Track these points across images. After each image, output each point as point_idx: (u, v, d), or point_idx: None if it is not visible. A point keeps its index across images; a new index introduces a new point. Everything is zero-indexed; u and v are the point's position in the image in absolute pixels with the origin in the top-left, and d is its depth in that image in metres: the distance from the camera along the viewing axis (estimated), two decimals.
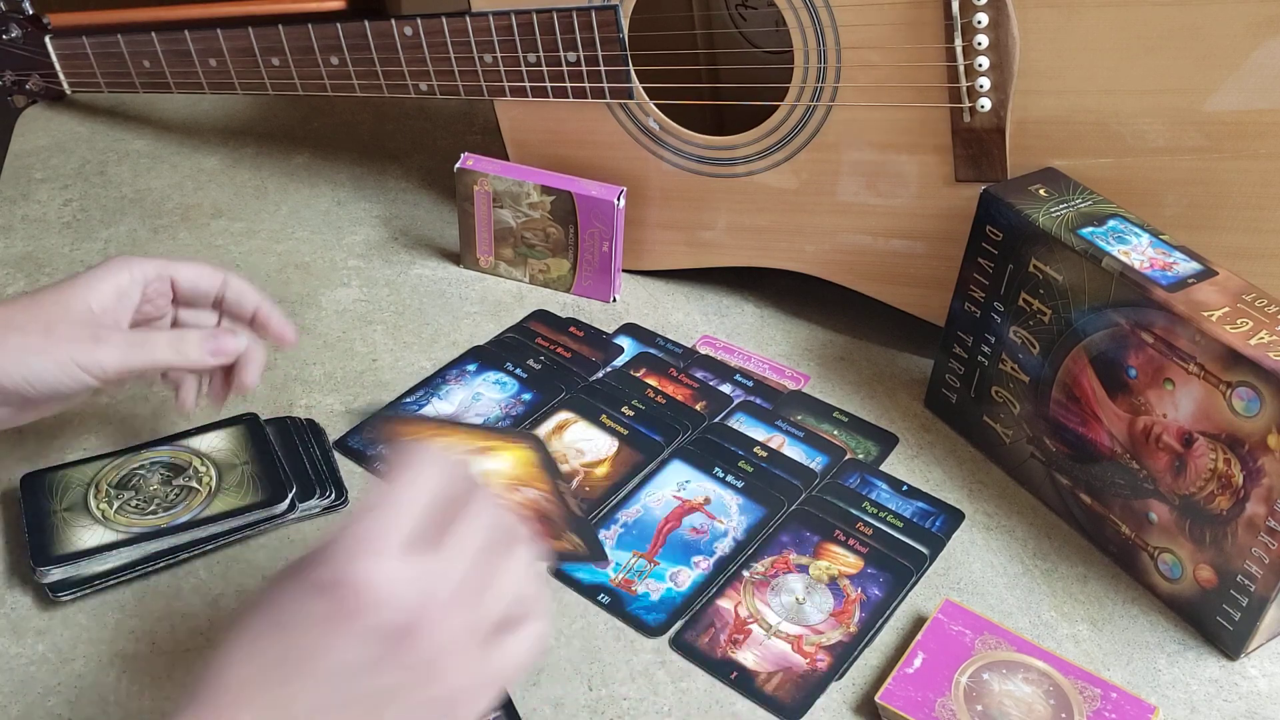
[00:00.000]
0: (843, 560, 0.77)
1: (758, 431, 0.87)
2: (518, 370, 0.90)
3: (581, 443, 0.85)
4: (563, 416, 0.87)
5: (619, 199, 0.94)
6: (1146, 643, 0.74)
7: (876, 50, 0.84)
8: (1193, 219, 0.81)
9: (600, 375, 0.91)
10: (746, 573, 0.76)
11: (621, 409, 0.87)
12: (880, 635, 0.73)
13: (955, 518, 0.81)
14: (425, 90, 0.98)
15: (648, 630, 0.73)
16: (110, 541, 0.73)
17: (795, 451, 0.85)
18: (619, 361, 0.93)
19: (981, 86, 0.82)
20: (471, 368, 0.91)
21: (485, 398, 0.88)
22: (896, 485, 0.83)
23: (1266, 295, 0.71)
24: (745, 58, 1.05)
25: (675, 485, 0.82)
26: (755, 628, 0.73)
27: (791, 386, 0.92)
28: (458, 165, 0.97)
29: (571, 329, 0.96)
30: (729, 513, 0.80)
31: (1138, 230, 0.76)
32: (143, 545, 0.73)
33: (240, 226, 1.06)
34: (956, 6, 0.80)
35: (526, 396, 0.88)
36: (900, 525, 0.80)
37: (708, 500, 0.81)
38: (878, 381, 0.93)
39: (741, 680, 0.70)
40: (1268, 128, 0.77)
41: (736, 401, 0.89)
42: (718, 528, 0.79)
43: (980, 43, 0.81)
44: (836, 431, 0.88)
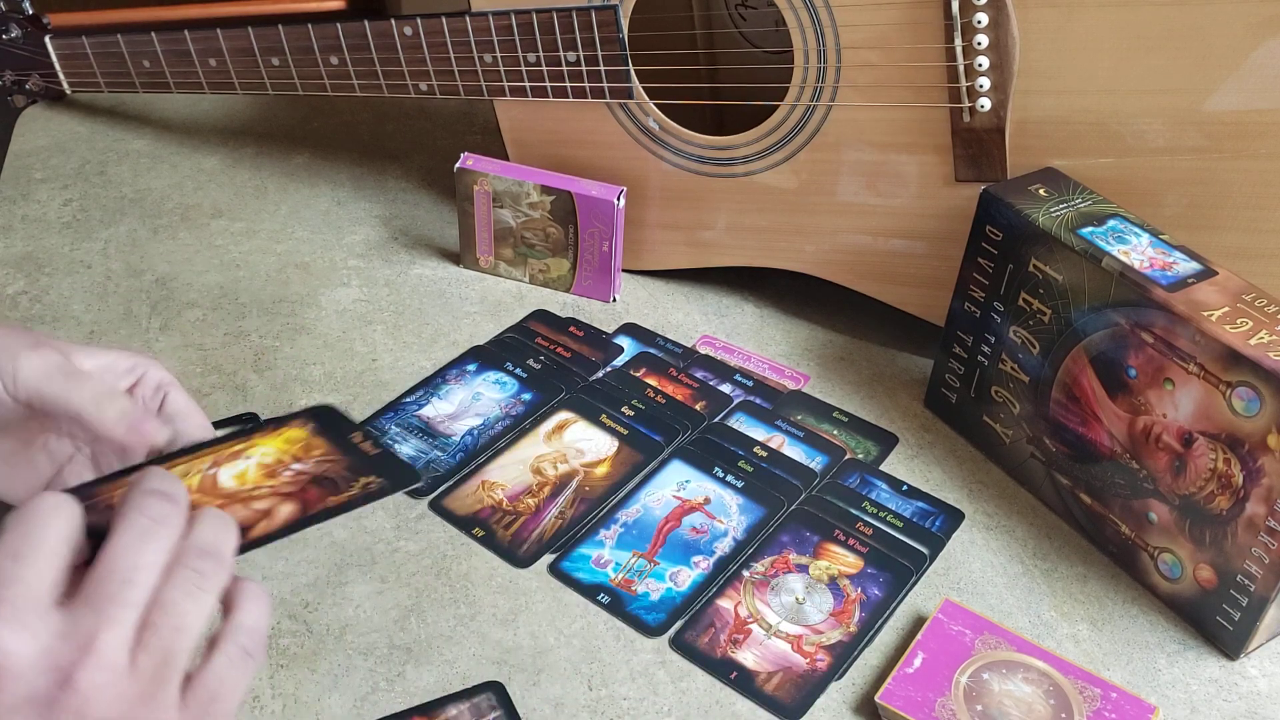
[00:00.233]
0: (843, 560, 0.77)
1: (758, 431, 0.87)
2: (518, 370, 0.90)
3: (581, 443, 0.85)
4: (563, 416, 0.87)
5: (619, 199, 0.94)
6: (1146, 643, 0.74)
7: (876, 50, 0.84)
8: (1193, 219, 0.81)
9: (600, 375, 0.91)
10: (746, 573, 0.76)
11: (621, 409, 0.87)
12: (880, 635, 0.73)
13: (955, 518, 0.81)
14: (425, 90, 0.98)
15: (648, 630, 0.73)
16: None
17: (795, 451, 0.85)
18: (619, 361, 0.93)
19: (981, 86, 0.82)
20: (471, 368, 0.91)
21: (485, 398, 0.88)
22: (896, 485, 0.83)
23: (1266, 295, 0.71)
24: (745, 58, 1.05)
25: (675, 485, 0.82)
26: (755, 628, 0.73)
27: (791, 386, 0.92)
28: (458, 165, 0.97)
29: (571, 329, 0.96)
30: (729, 513, 0.80)
31: (1138, 230, 0.76)
32: None
33: (240, 226, 1.06)
34: (956, 6, 0.80)
35: (526, 396, 0.88)
36: (900, 525, 0.80)
37: (708, 500, 0.81)
38: (878, 381, 0.93)
39: (741, 680, 0.70)
40: (1268, 128, 0.77)
41: (736, 401, 0.89)
42: (718, 528, 0.79)
43: (980, 43, 0.81)
44: (836, 431, 0.88)
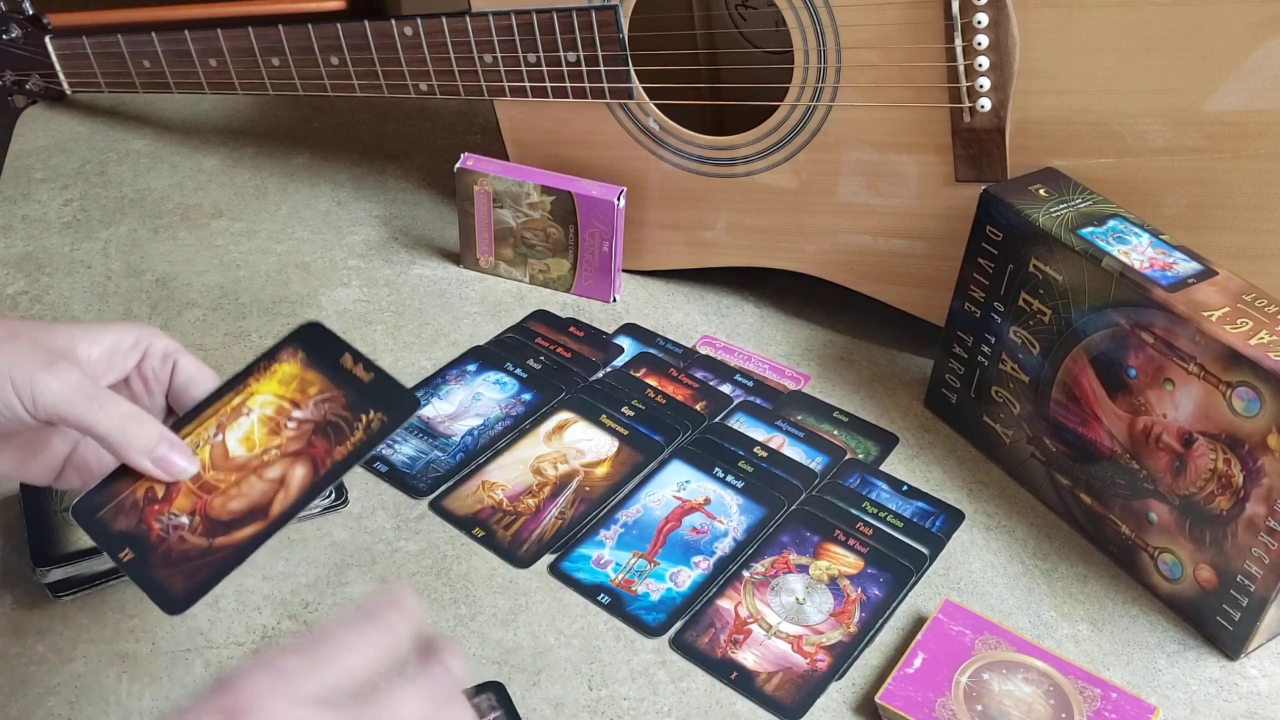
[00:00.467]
0: (843, 560, 0.77)
1: (758, 431, 0.87)
2: (518, 370, 0.90)
3: (581, 443, 0.85)
4: (563, 416, 0.87)
5: (619, 199, 0.94)
6: (1146, 643, 0.74)
7: (876, 50, 0.84)
8: (1193, 219, 0.81)
9: (600, 375, 0.91)
10: (746, 573, 0.76)
11: (621, 409, 0.87)
12: (880, 635, 0.73)
13: (955, 518, 0.81)
14: (425, 90, 0.98)
15: (648, 630, 0.73)
16: None
17: (795, 451, 0.85)
18: (619, 361, 0.93)
19: (981, 86, 0.82)
20: (471, 368, 0.91)
21: (485, 398, 0.88)
22: (896, 485, 0.83)
23: (1266, 295, 0.71)
24: (745, 58, 1.05)
25: (675, 485, 0.82)
26: (755, 628, 0.73)
27: (791, 386, 0.92)
28: (458, 165, 0.97)
29: (571, 329, 0.96)
30: (729, 513, 0.80)
31: (1138, 230, 0.76)
32: None
33: (240, 226, 1.06)
34: (956, 6, 0.80)
35: (526, 396, 0.88)
36: (900, 525, 0.80)
37: (708, 500, 0.81)
38: (878, 381, 0.93)
39: (741, 680, 0.70)
40: (1268, 128, 0.77)
41: (736, 401, 0.89)
42: (718, 528, 0.79)
43: (980, 43, 0.81)
44: (836, 431, 0.88)
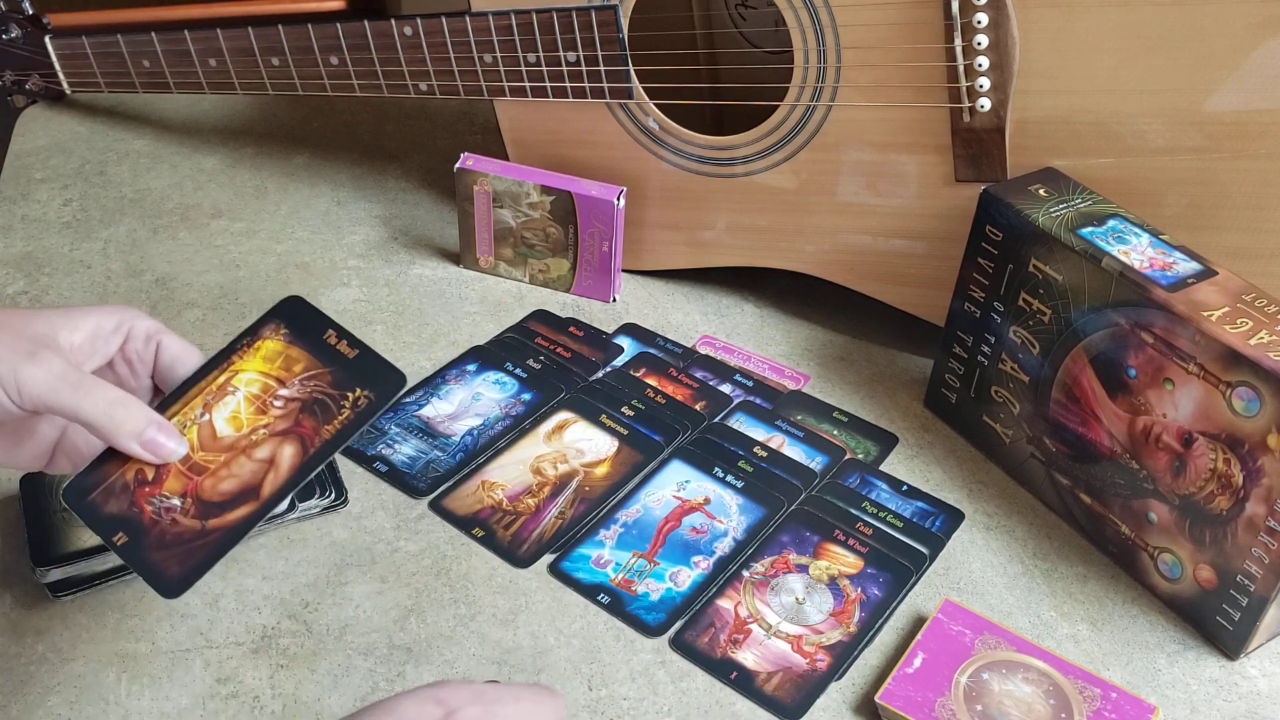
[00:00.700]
0: (843, 560, 0.77)
1: (758, 431, 0.87)
2: (518, 370, 0.90)
3: (581, 443, 0.85)
4: (563, 416, 0.87)
5: (619, 199, 0.94)
6: (1146, 643, 0.74)
7: (876, 50, 0.84)
8: (1193, 219, 0.81)
9: (600, 375, 0.91)
10: (746, 573, 0.76)
11: (621, 409, 0.87)
12: (880, 635, 0.73)
13: (955, 518, 0.81)
14: (425, 90, 0.98)
15: (648, 630, 0.73)
16: None
17: (795, 451, 0.85)
18: (619, 361, 0.93)
19: (981, 86, 0.82)
20: (471, 368, 0.91)
21: (485, 398, 0.88)
22: (896, 485, 0.83)
23: (1266, 295, 0.71)
24: (745, 58, 1.05)
25: (675, 485, 0.82)
26: (755, 628, 0.73)
27: (791, 386, 0.92)
28: (458, 165, 0.97)
29: (571, 329, 0.96)
30: (729, 513, 0.80)
31: (1138, 230, 0.76)
32: None
33: (240, 226, 1.06)
34: (956, 6, 0.80)
35: (526, 396, 0.88)
36: (900, 525, 0.80)
37: (708, 500, 0.81)
38: (878, 381, 0.93)
39: (741, 680, 0.70)
40: (1268, 128, 0.77)
41: (736, 401, 0.89)
42: (718, 528, 0.79)
43: (980, 43, 0.81)
44: (836, 431, 0.88)
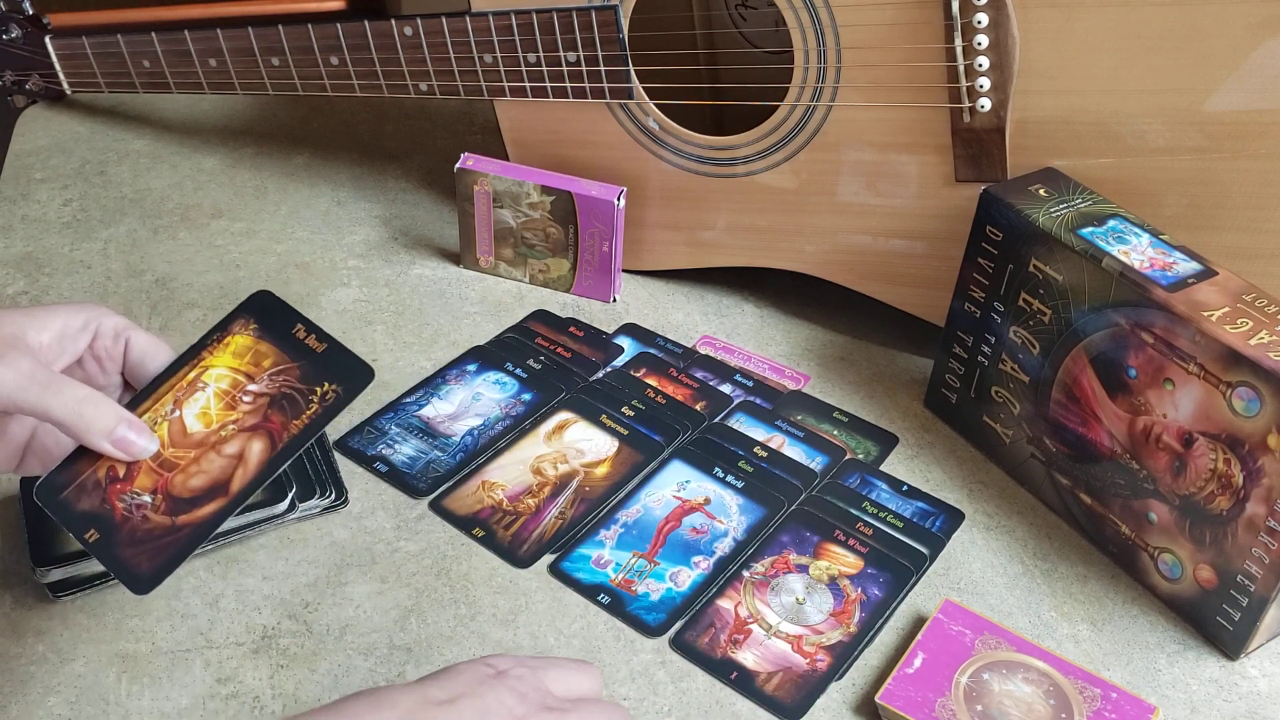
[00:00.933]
0: (843, 560, 0.77)
1: (758, 431, 0.87)
2: (518, 370, 0.90)
3: (581, 443, 0.85)
4: (563, 416, 0.87)
5: (619, 199, 0.94)
6: (1146, 643, 0.74)
7: (876, 50, 0.84)
8: (1193, 219, 0.81)
9: (600, 375, 0.91)
10: (746, 573, 0.76)
11: (621, 409, 0.87)
12: (880, 635, 0.73)
13: (955, 518, 0.81)
14: (425, 90, 0.98)
15: (648, 630, 0.73)
16: None
17: (795, 451, 0.85)
18: (619, 361, 0.93)
19: (981, 86, 0.82)
20: (471, 368, 0.91)
21: (485, 398, 0.88)
22: (896, 485, 0.83)
23: (1266, 295, 0.71)
24: (745, 58, 1.05)
25: (675, 485, 0.82)
26: (755, 628, 0.73)
27: (791, 386, 0.92)
28: (458, 165, 0.97)
29: (571, 329, 0.96)
30: (729, 513, 0.80)
31: (1138, 230, 0.76)
32: None
33: (240, 226, 1.06)
34: (956, 6, 0.80)
35: (526, 396, 0.88)
36: (900, 525, 0.80)
37: (708, 500, 0.81)
38: (878, 381, 0.93)
39: (741, 680, 0.70)
40: (1268, 128, 0.77)
41: (736, 401, 0.89)
42: (718, 528, 0.79)
43: (980, 43, 0.81)
44: (836, 431, 0.88)
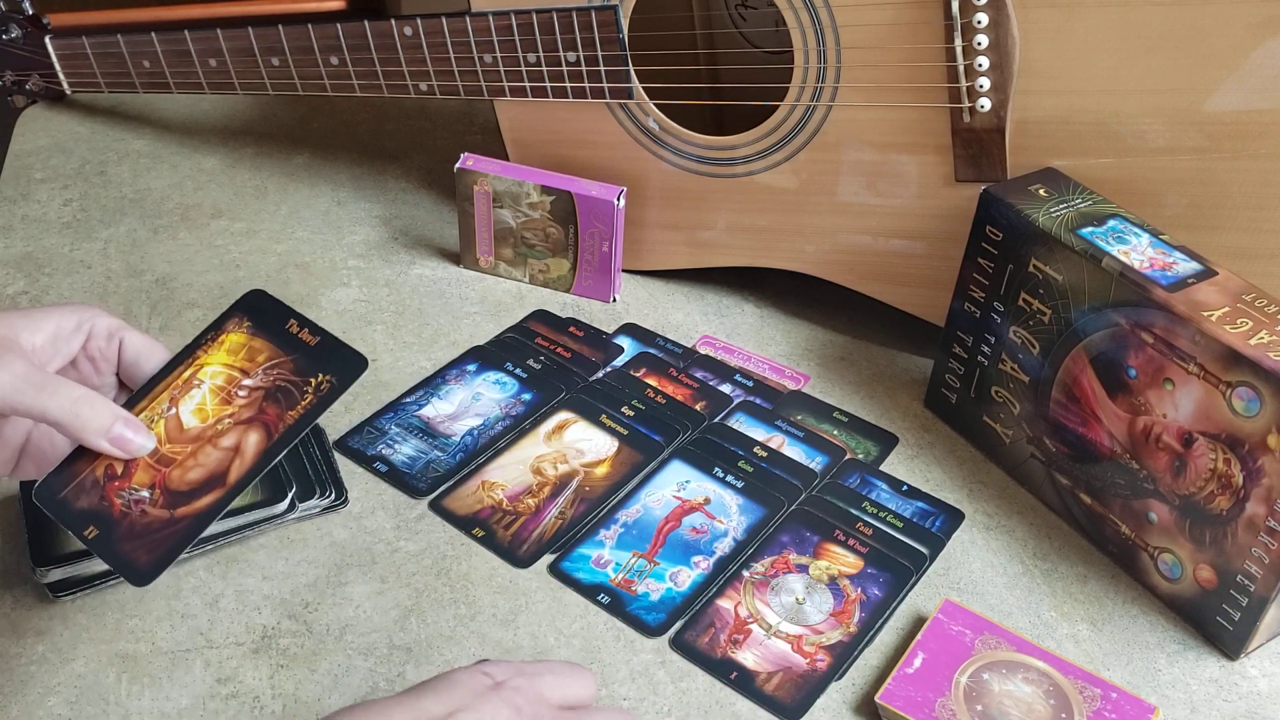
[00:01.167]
0: (843, 560, 0.77)
1: (758, 431, 0.87)
2: (518, 370, 0.90)
3: (581, 443, 0.85)
4: (563, 416, 0.87)
5: (619, 199, 0.94)
6: (1146, 643, 0.74)
7: (876, 50, 0.84)
8: (1193, 219, 0.81)
9: (600, 375, 0.91)
10: (746, 573, 0.76)
11: (621, 409, 0.87)
12: (880, 635, 0.73)
13: (955, 518, 0.81)
14: (425, 90, 0.98)
15: (648, 630, 0.73)
16: None
17: (795, 451, 0.85)
18: (619, 361, 0.93)
19: (981, 86, 0.82)
20: (471, 368, 0.91)
21: (485, 398, 0.88)
22: (896, 485, 0.83)
23: (1266, 295, 0.71)
24: (745, 58, 1.05)
25: (675, 485, 0.82)
26: (755, 628, 0.73)
27: (791, 386, 0.92)
28: (458, 165, 0.97)
29: (571, 329, 0.96)
30: (729, 513, 0.80)
31: (1138, 230, 0.76)
32: None
33: (240, 226, 1.06)
34: (956, 6, 0.80)
35: (526, 396, 0.88)
36: (900, 525, 0.80)
37: (708, 500, 0.81)
38: (878, 381, 0.93)
39: (741, 680, 0.70)
40: (1268, 128, 0.77)
41: (736, 401, 0.89)
42: (718, 528, 0.79)
43: (980, 43, 0.81)
44: (836, 431, 0.88)
